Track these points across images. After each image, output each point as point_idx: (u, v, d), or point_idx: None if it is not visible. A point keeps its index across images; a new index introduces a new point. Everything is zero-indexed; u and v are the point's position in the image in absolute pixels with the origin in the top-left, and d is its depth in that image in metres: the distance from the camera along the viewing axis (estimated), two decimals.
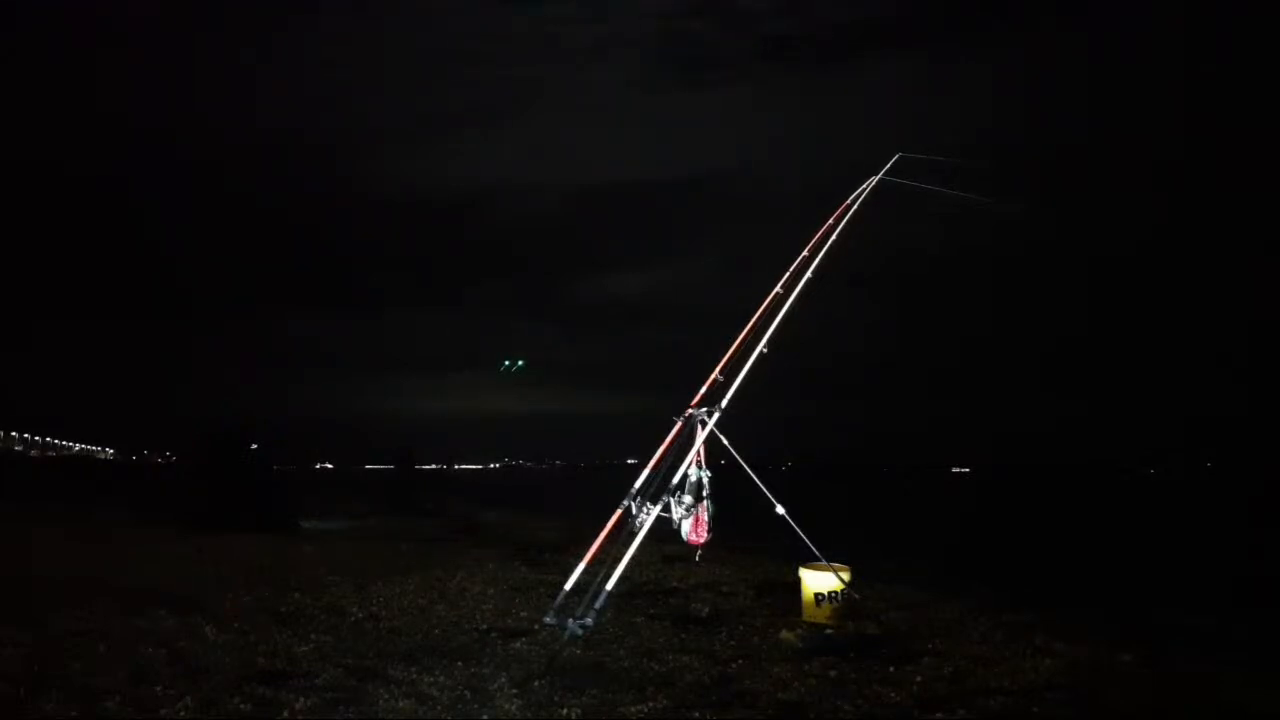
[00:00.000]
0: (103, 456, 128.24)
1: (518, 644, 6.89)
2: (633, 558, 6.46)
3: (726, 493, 7.16)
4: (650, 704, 5.30)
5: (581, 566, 7.01)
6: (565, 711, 5.15)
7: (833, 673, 6.05)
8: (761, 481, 7.33)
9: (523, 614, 8.15)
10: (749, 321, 7.77)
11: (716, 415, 7.12)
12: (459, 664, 6.17)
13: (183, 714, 4.95)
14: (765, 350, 7.29)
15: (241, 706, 5.11)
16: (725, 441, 7.15)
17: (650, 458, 7.21)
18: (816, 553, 7.52)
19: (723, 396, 7.20)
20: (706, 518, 6.95)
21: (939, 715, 5.17)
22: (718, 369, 7.54)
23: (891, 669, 6.18)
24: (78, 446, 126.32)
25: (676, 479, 6.86)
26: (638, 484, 6.97)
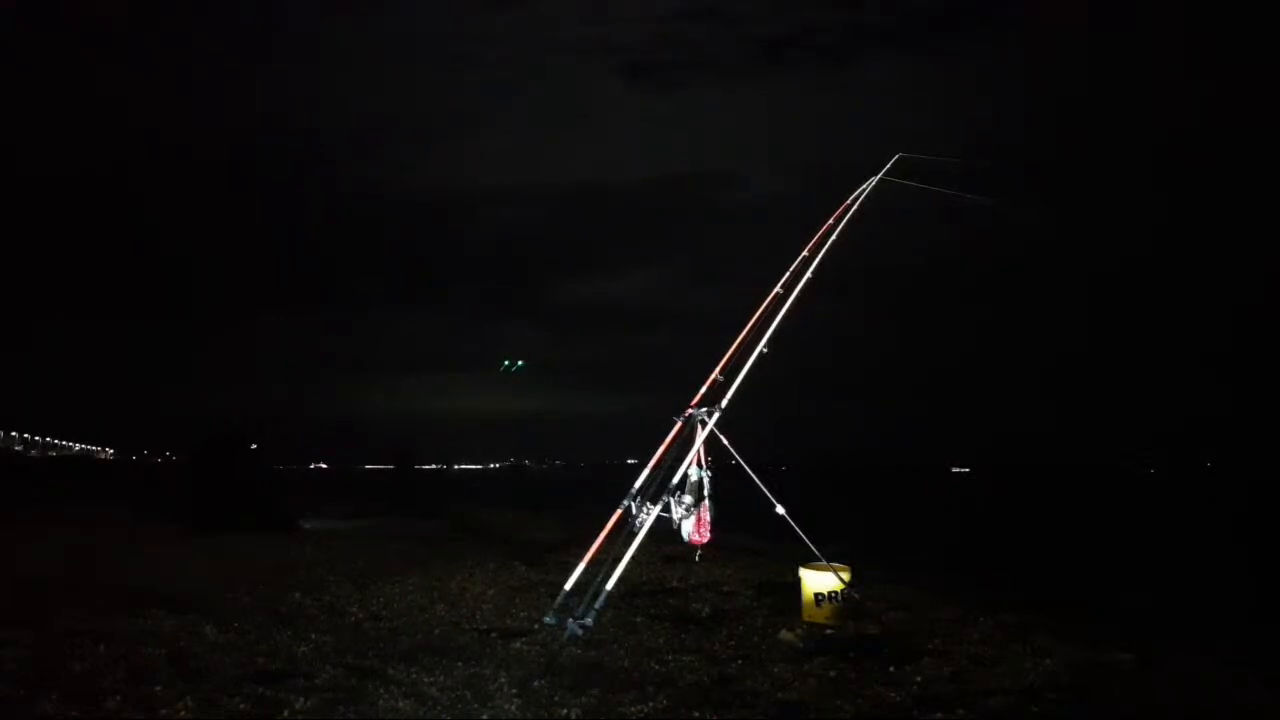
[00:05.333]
0: (103, 456, 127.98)
1: (518, 644, 6.89)
2: (633, 558, 6.46)
3: (726, 493, 7.16)
4: (650, 704, 5.31)
5: (581, 566, 7.01)
6: (565, 711, 5.15)
7: (833, 673, 6.06)
8: (761, 482, 7.33)
9: (523, 614, 8.15)
10: (749, 321, 7.78)
11: (716, 415, 7.11)
12: (459, 664, 6.17)
13: (183, 714, 4.95)
14: (765, 350, 7.29)
15: (241, 706, 5.10)
16: (725, 441, 7.15)
17: (650, 458, 7.21)
18: (817, 553, 7.52)
19: (723, 396, 7.20)
20: (708, 518, 6.95)
21: (939, 715, 5.17)
22: (718, 369, 7.53)
23: (891, 669, 6.18)
24: (78, 446, 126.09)
25: (676, 479, 6.85)
26: (638, 484, 6.97)
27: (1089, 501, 55.36)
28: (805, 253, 8.15)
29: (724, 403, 7.14)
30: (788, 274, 7.99)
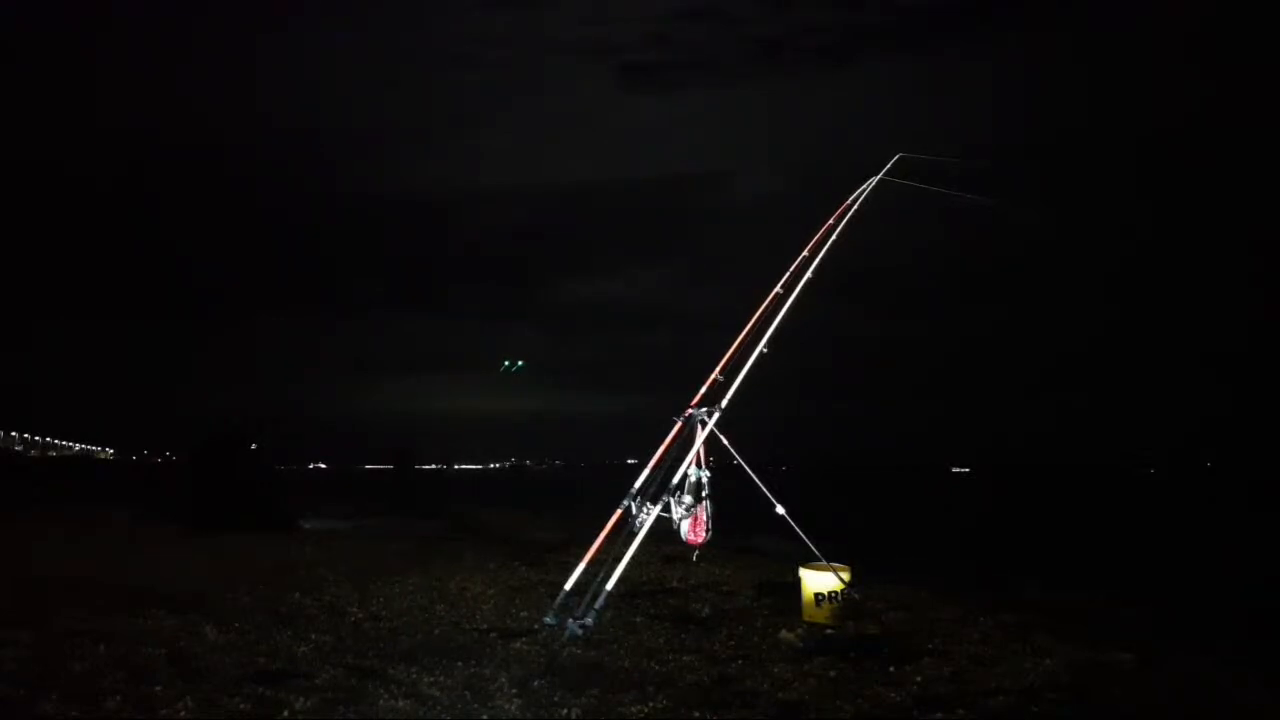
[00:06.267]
0: (103, 456, 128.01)
1: (518, 644, 6.89)
2: (632, 558, 6.46)
3: (726, 493, 7.17)
4: (650, 704, 5.31)
5: (581, 566, 7.01)
6: (565, 711, 5.15)
7: (833, 673, 6.06)
8: (761, 482, 7.34)
9: (523, 614, 8.15)
10: (749, 321, 7.78)
11: (716, 415, 7.12)
12: (459, 664, 6.17)
13: (183, 714, 4.95)
14: (765, 350, 7.30)
15: (241, 706, 5.10)
16: (725, 441, 7.15)
17: (650, 458, 7.22)
18: (816, 553, 7.52)
19: (723, 396, 7.20)
20: (706, 518, 6.95)
21: (939, 715, 5.17)
22: (718, 369, 7.54)
23: (891, 669, 6.18)
24: (78, 446, 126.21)
25: (676, 479, 6.86)
26: (638, 484, 6.97)
27: (1089, 501, 55.34)
28: (805, 253, 8.16)
29: (724, 403, 7.15)
30: (788, 274, 8.00)
